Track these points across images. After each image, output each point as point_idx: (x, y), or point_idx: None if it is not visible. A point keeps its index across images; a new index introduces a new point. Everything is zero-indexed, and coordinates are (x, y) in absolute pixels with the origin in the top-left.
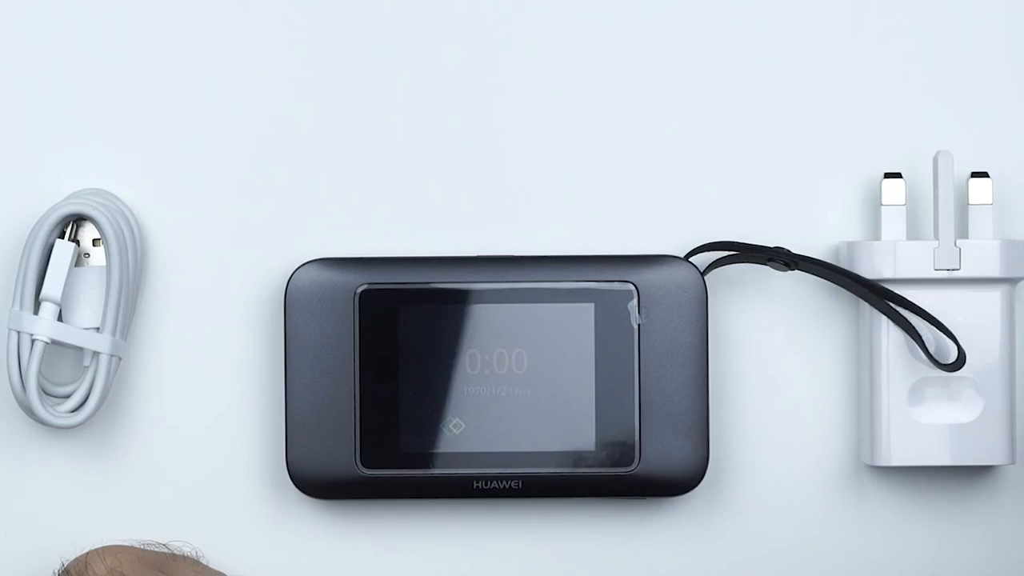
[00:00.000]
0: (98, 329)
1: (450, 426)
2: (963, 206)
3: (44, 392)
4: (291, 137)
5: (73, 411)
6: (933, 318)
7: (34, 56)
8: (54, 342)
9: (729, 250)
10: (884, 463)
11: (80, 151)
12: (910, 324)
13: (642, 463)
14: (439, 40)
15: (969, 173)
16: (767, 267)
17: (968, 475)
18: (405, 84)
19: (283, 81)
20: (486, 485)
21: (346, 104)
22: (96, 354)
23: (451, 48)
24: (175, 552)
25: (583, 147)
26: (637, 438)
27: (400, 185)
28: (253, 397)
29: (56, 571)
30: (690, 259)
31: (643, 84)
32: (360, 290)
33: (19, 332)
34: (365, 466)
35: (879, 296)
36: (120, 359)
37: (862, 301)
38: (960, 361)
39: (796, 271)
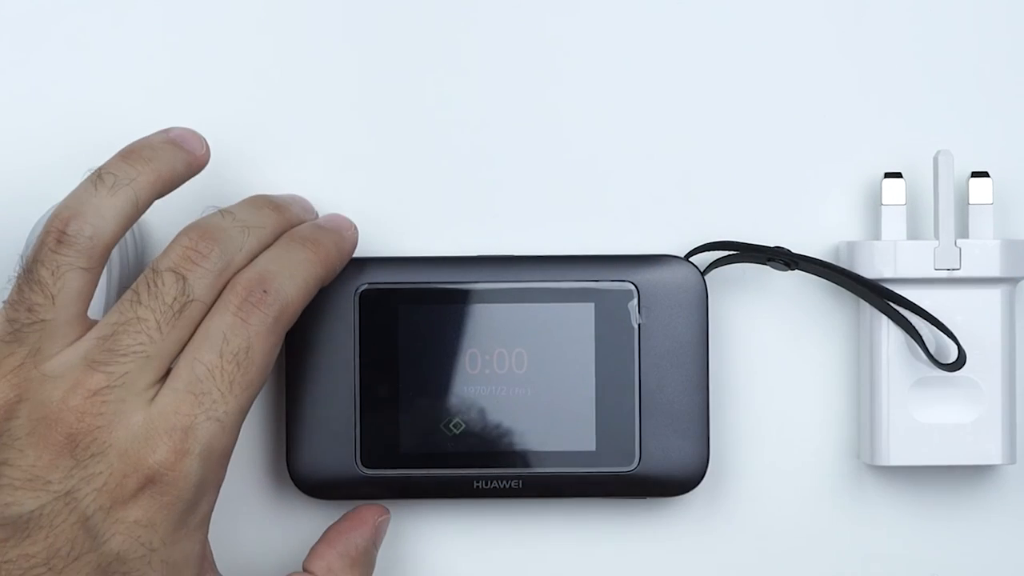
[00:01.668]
0: None
1: (450, 426)
2: (963, 206)
3: None
4: (290, 137)
5: None
6: (933, 318)
7: (33, 54)
8: None
9: (729, 250)
10: (884, 463)
11: (80, 151)
12: (910, 324)
13: (642, 463)
14: (437, 39)
15: (969, 173)
16: (767, 267)
17: (968, 475)
18: (404, 83)
19: (281, 82)
20: (486, 485)
21: (345, 104)
22: None
23: (449, 47)
24: None
25: (583, 147)
26: (637, 438)
27: (400, 185)
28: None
29: None
30: (690, 259)
31: (643, 84)
32: (360, 290)
33: None
34: (365, 466)
35: (879, 296)
36: None
37: (862, 301)
38: (960, 361)
39: (796, 271)
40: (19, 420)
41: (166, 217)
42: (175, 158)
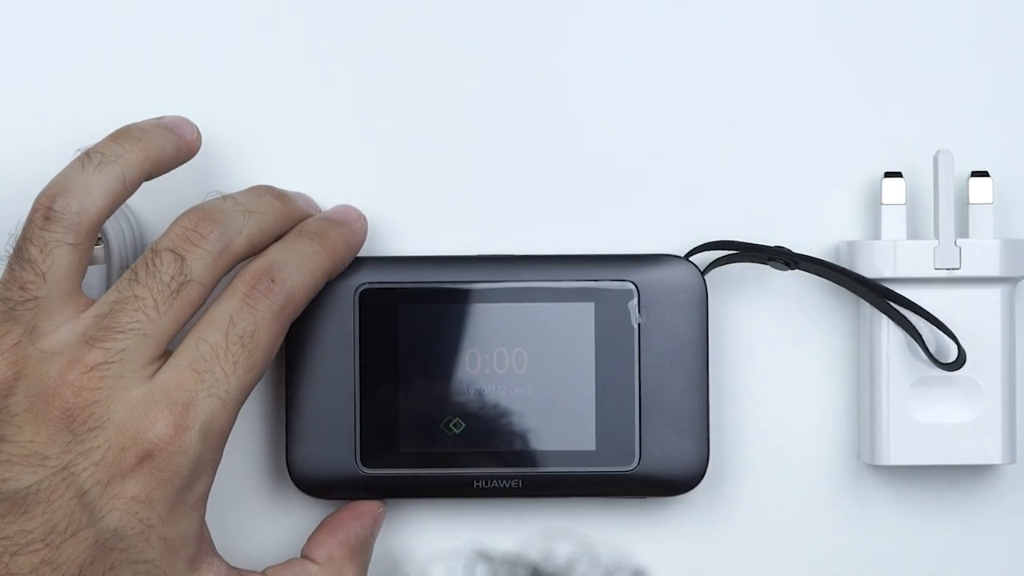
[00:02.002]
0: None
1: (450, 425)
2: (963, 205)
3: None
4: (291, 137)
5: None
6: (933, 317)
7: (33, 53)
8: None
9: (729, 249)
10: (884, 463)
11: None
12: (910, 323)
13: (642, 462)
14: (440, 39)
15: (969, 172)
16: (767, 266)
17: (968, 475)
18: (405, 83)
19: (282, 82)
20: (486, 484)
21: (346, 105)
22: None
23: (452, 47)
24: None
25: (583, 146)
26: (637, 437)
27: (401, 185)
28: (254, 396)
29: None
30: (690, 259)
31: (644, 84)
32: (360, 289)
33: None
34: (365, 465)
35: (879, 295)
36: None
37: (862, 300)
38: (960, 360)
39: (796, 271)
40: (16, 397)
41: (167, 210)
42: (164, 140)
